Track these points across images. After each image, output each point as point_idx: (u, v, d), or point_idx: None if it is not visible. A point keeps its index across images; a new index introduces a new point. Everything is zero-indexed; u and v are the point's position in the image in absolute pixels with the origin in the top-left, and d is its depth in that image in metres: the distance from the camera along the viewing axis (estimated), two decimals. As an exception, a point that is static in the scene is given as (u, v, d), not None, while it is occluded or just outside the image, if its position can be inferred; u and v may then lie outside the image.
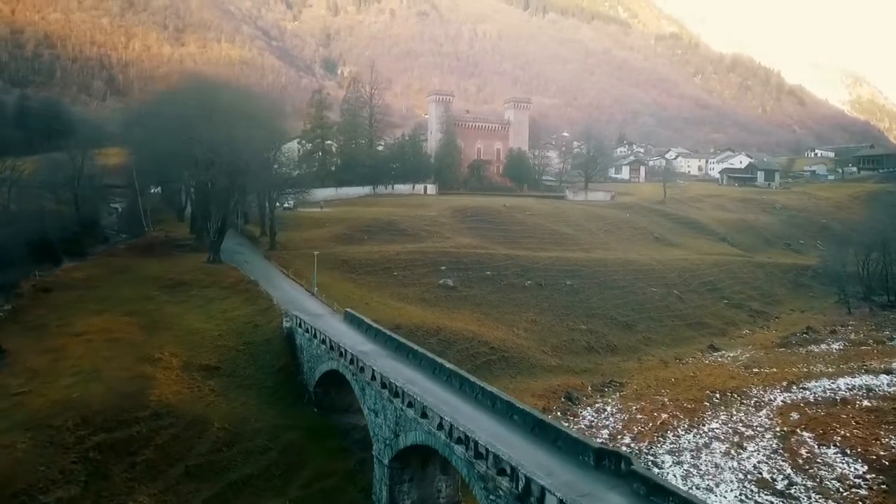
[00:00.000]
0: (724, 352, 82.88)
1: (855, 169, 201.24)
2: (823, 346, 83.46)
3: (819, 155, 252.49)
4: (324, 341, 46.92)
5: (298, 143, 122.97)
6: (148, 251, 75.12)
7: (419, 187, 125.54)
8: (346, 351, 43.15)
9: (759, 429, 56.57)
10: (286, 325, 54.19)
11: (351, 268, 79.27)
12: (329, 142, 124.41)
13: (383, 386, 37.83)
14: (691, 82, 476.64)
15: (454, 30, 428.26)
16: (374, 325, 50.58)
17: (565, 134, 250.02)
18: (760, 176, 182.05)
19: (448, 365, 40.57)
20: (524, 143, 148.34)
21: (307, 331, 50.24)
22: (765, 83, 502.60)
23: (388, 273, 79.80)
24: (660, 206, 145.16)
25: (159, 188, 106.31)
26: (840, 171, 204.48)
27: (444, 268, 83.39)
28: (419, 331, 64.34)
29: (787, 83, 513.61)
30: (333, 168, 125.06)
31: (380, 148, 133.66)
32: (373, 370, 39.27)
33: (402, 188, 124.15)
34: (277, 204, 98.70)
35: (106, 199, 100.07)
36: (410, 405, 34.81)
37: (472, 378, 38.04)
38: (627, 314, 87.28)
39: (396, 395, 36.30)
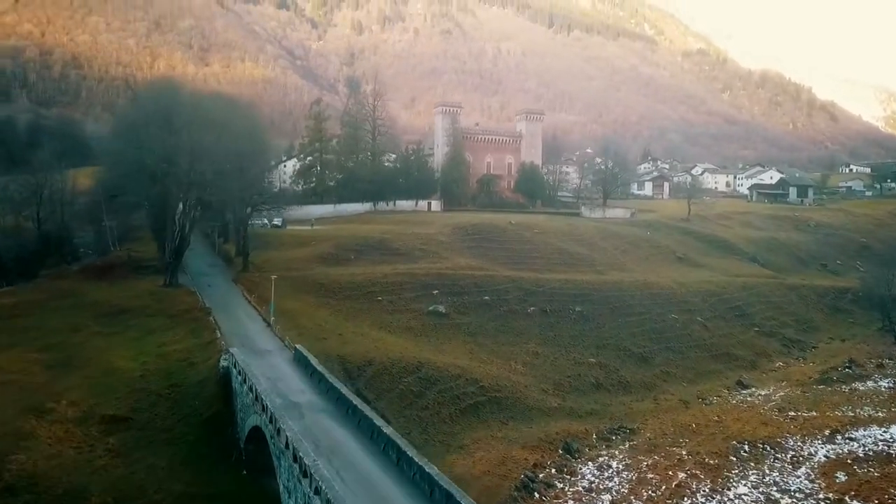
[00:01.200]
0: (754, 389, 71.53)
1: (895, 185, 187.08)
2: (870, 384, 71.18)
3: (854, 171, 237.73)
4: (252, 388, 37.34)
5: (297, 157, 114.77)
6: (103, 273, 66.64)
7: (423, 204, 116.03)
8: (266, 405, 33.48)
9: (798, 495, 45.31)
10: (223, 363, 44.71)
11: (329, 292, 69.83)
12: (329, 156, 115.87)
13: (295, 459, 28.07)
14: (719, 98, 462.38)
15: (478, 48, 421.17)
16: (319, 367, 40.86)
17: (589, 150, 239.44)
18: (792, 192, 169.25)
19: (386, 430, 30.62)
20: (537, 156, 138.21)
21: (240, 373, 40.73)
22: (795, 99, 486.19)
23: (370, 298, 70.17)
24: (684, 224, 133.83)
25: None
26: (878, 186, 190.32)
27: (436, 292, 73.54)
28: (395, 367, 54.65)
29: (818, 99, 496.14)
30: (333, 184, 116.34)
31: (388, 164, 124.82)
32: (287, 436, 29.49)
33: (404, 205, 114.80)
34: (263, 221, 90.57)
35: (84, 216, 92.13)
36: (317, 492, 24.97)
37: (411, 452, 28.04)
38: (643, 345, 76.50)
39: (305, 474, 26.49)
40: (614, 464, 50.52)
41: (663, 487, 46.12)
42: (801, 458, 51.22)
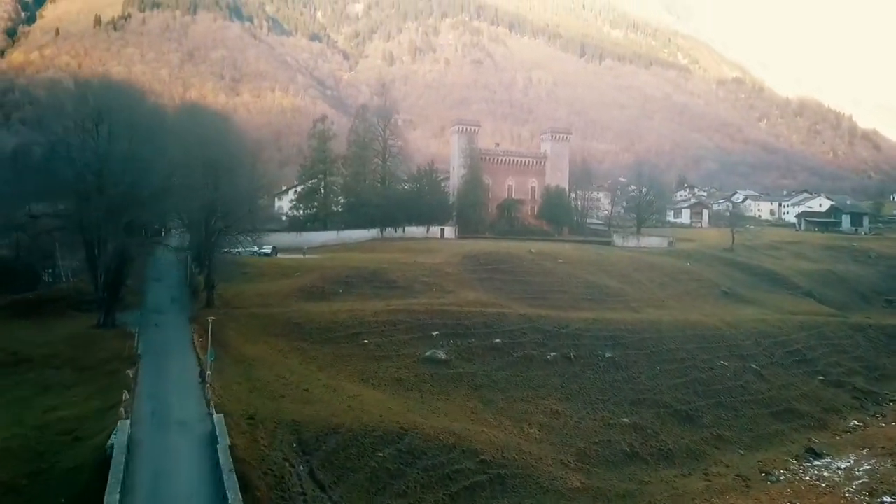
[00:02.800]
0: (829, 459, 56.24)
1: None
2: (978, 455, 55.50)
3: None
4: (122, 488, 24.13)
5: (299, 180, 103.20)
6: (33, 310, 54.61)
7: (435, 230, 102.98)
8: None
9: None
10: (112, 440, 31.62)
11: (305, 334, 56.75)
12: (333, 178, 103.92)
13: None
14: (756, 127, 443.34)
15: (509, 77, 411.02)
16: (224, 459, 27.54)
17: (622, 179, 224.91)
18: (845, 220, 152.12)
19: None
20: (563, 179, 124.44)
21: (121, 461, 27.65)
22: (835, 127, 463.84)
23: (355, 341, 56.89)
24: (728, 255, 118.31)
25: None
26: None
27: (436, 333, 60.02)
28: (369, 436, 41.06)
29: (859, 127, 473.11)
30: (337, 208, 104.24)
31: (405, 187, 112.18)
32: None
33: (415, 231, 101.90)
34: (252, 249, 78.36)
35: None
36: None
37: None
38: (688, 399, 61.86)
39: None
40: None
41: None
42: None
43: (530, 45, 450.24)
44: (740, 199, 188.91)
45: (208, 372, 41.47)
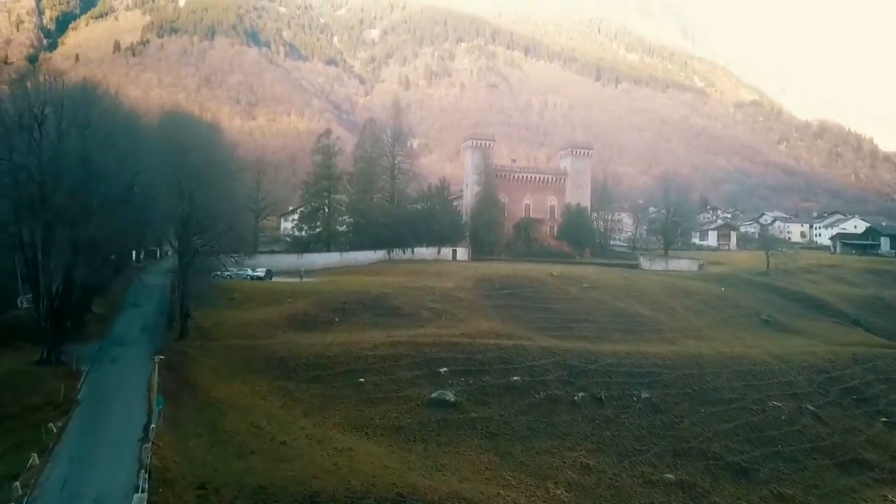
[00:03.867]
0: (913, 523, 45.91)
1: None
2: None
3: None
4: None
5: (302, 198, 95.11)
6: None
7: (446, 251, 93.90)
8: None
9: None
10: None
11: (290, 371, 47.79)
12: (338, 196, 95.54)
13: None
14: (776, 149, 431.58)
15: (524, 101, 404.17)
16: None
17: (640, 202, 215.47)
18: (884, 243, 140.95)
19: None
20: (585, 198, 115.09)
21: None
22: (856, 150, 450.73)
23: (348, 380, 47.81)
24: (763, 279, 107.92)
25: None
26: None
27: (444, 370, 50.83)
28: (356, 506, 31.81)
29: (880, 150, 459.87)
30: (342, 228, 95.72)
31: (416, 207, 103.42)
32: None
33: (424, 253, 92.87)
34: (246, 272, 70.04)
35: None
36: None
37: None
38: (740, 449, 51.88)
39: None
40: None
41: None
42: None
43: (546, 68, 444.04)
44: (768, 221, 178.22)
45: (153, 425, 32.45)
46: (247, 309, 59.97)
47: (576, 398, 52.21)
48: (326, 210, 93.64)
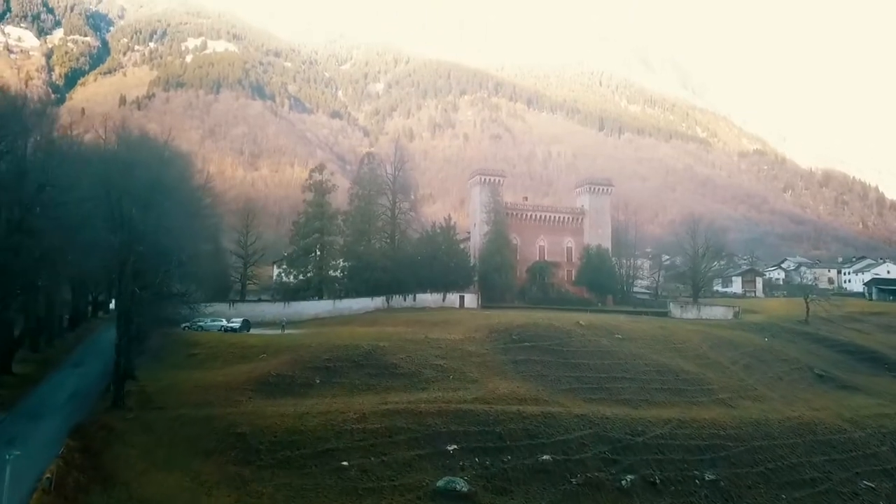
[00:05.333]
0: None
1: None
2: None
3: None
4: None
5: (291, 241, 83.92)
6: None
7: (452, 298, 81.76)
8: None
9: None
10: None
11: (250, 452, 35.45)
12: (332, 237, 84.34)
13: None
14: (782, 198, 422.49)
15: (528, 150, 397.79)
16: None
17: (648, 250, 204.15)
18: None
19: None
20: (605, 238, 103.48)
21: None
22: (862, 198, 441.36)
23: (328, 463, 35.52)
24: (805, 328, 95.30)
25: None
26: None
27: (453, 448, 38.56)
28: None
29: (887, 198, 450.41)
30: (337, 273, 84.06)
31: (420, 248, 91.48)
32: None
33: (427, 299, 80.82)
34: (221, 323, 58.34)
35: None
36: None
37: None
38: (843, 551, 38.67)
39: None
40: None
41: None
42: None
43: (549, 119, 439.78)
44: (792, 267, 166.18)
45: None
46: (209, 368, 47.78)
47: (623, 482, 39.70)
48: (318, 253, 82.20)
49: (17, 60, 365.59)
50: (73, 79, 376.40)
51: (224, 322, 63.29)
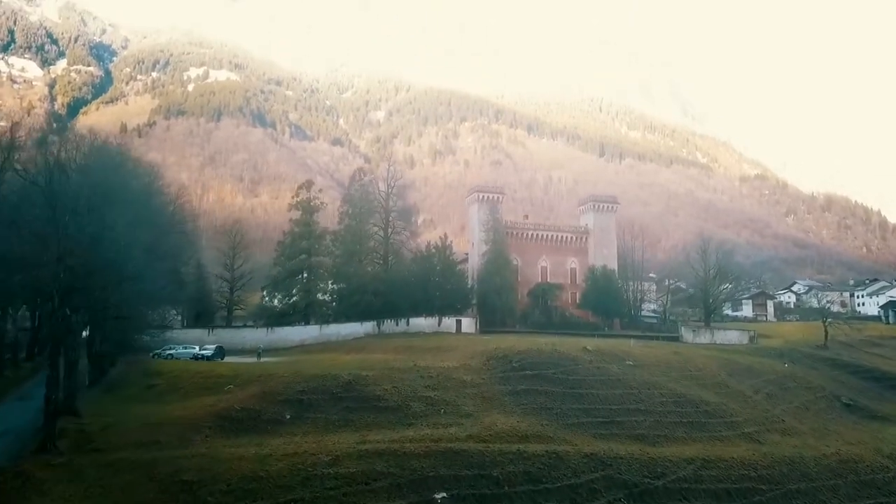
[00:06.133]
0: None
1: None
2: None
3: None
4: None
5: (276, 262, 78.09)
6: None
7: (449, 322, 75.45)
8: None
9: None
10: None
11: (195, 505, 29.17)
12: (320, 258, 78.55)
13: None
14: (784, 222, 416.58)
15: (528, 176, 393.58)
16: None
17: (652, 275, 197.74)
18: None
19: None
20: (611, 259, 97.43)
21: None
22: (865, 222, 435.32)
23: (289, 518, 29.12)
24: (824, 353, 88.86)
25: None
26: None
27: (441, 496, 32.69)
28: None
29: (889, 221, 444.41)
30: (325, 297, 78.10)
31: (412, 269, 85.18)
32: None
33: (422, 324, 74.39)
34: (195, 351, 52.41)
35: None
36: None
37: None
38: None
39: None
40: None
41: None
42: None
43: (549, 145, 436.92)
44: (803, 290, 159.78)
45: None
46: (167, 401, 41.62)
47: (644, 537, 33.16)
48: (305, 275, 76.27)
49: (19, 90, 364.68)
50: (75, 108, 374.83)
51: (196, 349, 57.25)
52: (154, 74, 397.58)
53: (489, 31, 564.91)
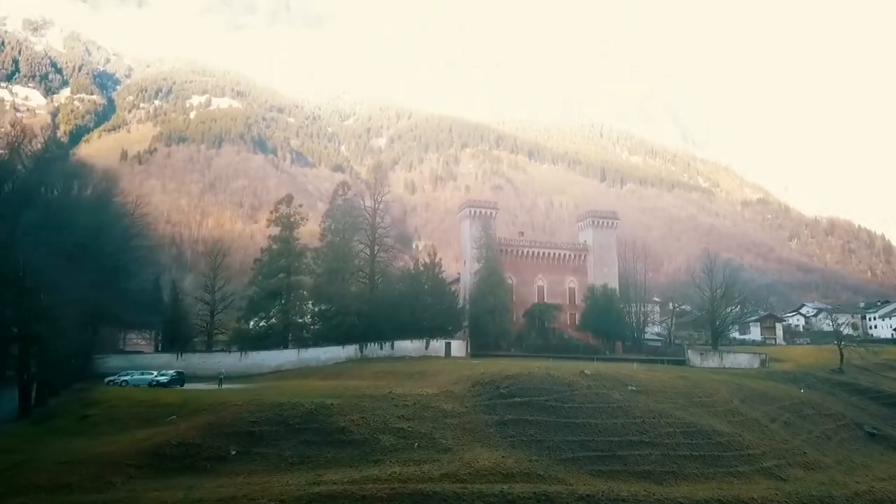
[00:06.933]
0: None
1: None
2: None
3: None
4: None
5: (253, 282, 72.64)
6: None
7: (437, 345, 69.36)
8: None
9: None
10: None
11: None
12: (300, 277, 73.11)
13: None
14: (787, 246, 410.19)
15: (530, 201, 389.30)
16: None
17: (656, 299, 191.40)
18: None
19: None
20: (612, 277, 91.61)
21: None
22: (869, 246, 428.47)
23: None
24: (840, 377, 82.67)
25: None
26: None
27: (405, 552, 26.05)
28: None
29: (893, 245, 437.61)
30: (306, 319, 72.46)
31: (399, 287, 79.20)
32: None
33: (408, 347, 68.24)
34: (153, 377, 46.92)
35: None
36: None
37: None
38: None
39: None
40: None
41: None
42: None
43: (550, 170, 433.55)
44: (811, 313, 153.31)
45: None
46: (97, 435, 35.80)
47: None
48: (284, 296, 70.66)
49: (22, 119, 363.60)
50: (77, 136, 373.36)
51: (154, 375, 51.52)
52: (156, 102, 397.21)
53: (489, 45, 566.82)
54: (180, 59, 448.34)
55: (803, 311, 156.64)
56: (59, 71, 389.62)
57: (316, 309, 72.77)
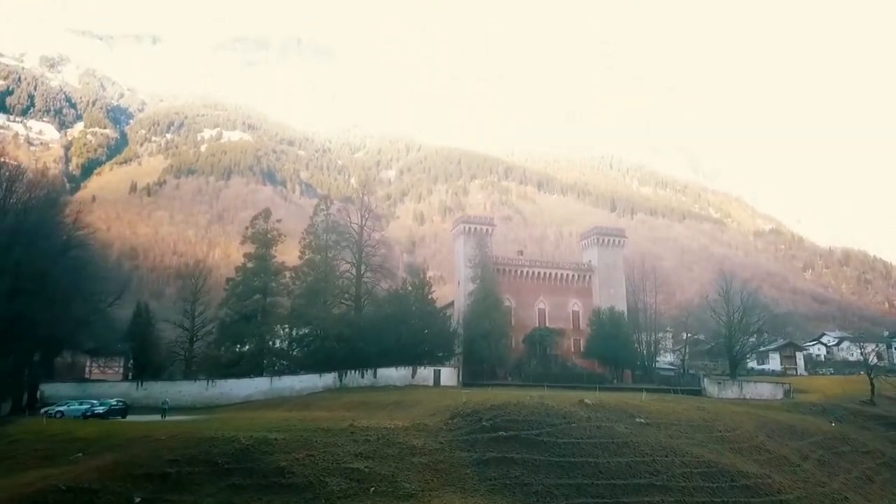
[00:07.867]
0: None
1: None
2: None
3: None
4: None
5: (225, 305, 66.31)
6: None
7: (425, 373, 61.89)
8: None
9: None
10: None
11: None
12: (277, 299, 66.83)
13: None
14: (802, 277, 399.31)
15: (539, 232, 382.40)
16: None
17: (668, 329, 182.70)
18: None
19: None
20: (619, 299, 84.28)
21: None
22: (885, 276, 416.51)
23: None
24: (872, 409, 74.58)
25: None
26: None
27: None
28: None
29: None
30: (283, 344, 65.84)
31: (386, 309, 71.94)
32: None
33: (392, 375, 60.77)
34: (89, 404, 40.22)
35: None
36: None
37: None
38: None
39: None
40: None
41: None
42: None
43: (560, 201, 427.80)
44: (833, 342, 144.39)
45: None
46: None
47: None
48: (259, 319, 64.16)
49: (36, 152, 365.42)
50: (89, 168, 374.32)
51: (94, 404, 44.91)
52: (168, 135, 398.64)
53: (492, 58, 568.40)
54: (193, 94, 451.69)
55: (824, 340, 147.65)
56: (73, 105, 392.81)
57: (294, 333, 66.14)
